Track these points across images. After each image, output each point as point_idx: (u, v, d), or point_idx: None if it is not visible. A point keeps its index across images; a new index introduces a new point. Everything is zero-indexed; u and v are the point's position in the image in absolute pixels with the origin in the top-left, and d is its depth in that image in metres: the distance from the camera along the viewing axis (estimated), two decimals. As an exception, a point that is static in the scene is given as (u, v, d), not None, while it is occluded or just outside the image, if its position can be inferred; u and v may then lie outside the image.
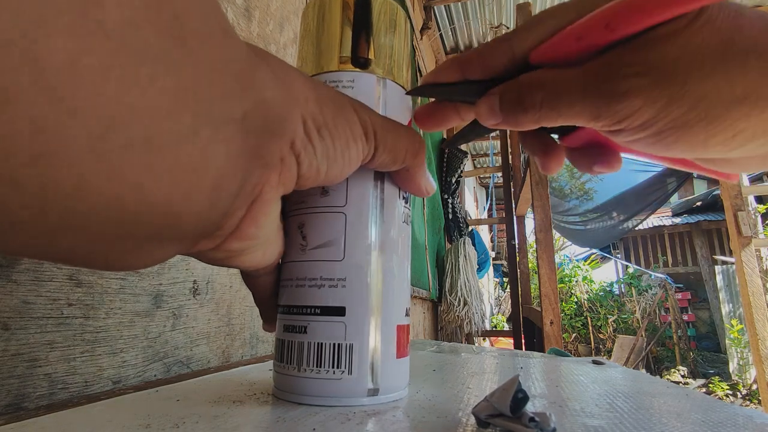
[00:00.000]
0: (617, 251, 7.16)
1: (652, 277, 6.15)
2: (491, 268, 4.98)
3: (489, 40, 0.23)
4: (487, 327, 3.30)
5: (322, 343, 0.23)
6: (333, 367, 0.23)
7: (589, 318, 5.85)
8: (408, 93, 0.27)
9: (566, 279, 6.17)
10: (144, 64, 0.11)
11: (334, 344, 0.23)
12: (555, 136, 0.26)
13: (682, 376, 4.71)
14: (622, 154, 0.24)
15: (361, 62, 0.26)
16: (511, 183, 2.67)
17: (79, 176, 0.11)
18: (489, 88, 0.22)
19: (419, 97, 0.26)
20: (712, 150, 0.19)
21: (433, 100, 0.26)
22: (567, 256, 6.91)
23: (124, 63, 0.11)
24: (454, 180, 2.45)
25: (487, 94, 0.22)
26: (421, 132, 0.26)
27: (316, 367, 0.23)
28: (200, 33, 0.13)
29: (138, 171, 0.12)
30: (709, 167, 0.23)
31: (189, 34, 0.12)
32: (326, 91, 0.20)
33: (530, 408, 0.19)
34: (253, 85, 0.15)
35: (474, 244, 2.44)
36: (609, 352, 5.34)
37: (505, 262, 5.87)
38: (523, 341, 2.32)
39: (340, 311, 0.24)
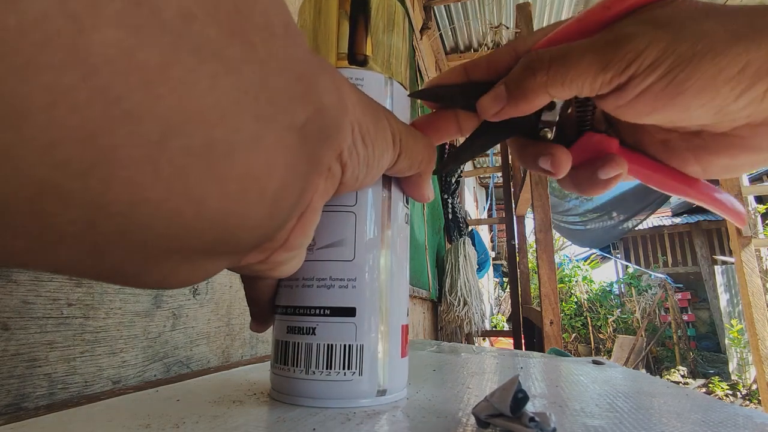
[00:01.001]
0: (617, 251, 7.16)
1: (652, 277, 6.15)
2: (491, 268, 4.97)
3: (489, 40, 0.25)
4: (487, 327, 3.30)
5: (332, 345, 0.23)
6: (343, 368, 0.23)
7: (589, 318, 5.85)
8: (411, 95, 0.27)
9: (566, 279, 6.17)
10: (205, 61, 0.10)
11: (344, 345, 0.23)
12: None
13: (682, 376, 4.71)
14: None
15: (358, 59, 0.25)
16: (511, 183, 2.67)
17: (135, 189, 0.10)
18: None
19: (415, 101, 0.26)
20: (722, 91, 0.19)
21: (432, 111, 0.26)
22: (567, 256, 6.91)
23: (184, 60, 0.10)
24: (454, 180, 2.45)
25: (491, 89, 0.23)
26: None
27: (326, 369, 0.23)
28: (263, 28, 0.12)
29: (199, 182, 0.11)
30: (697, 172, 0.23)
31: (251, 29, 0.11)
32: (364, 96, 0.19)
33: (530, 408, 0.19)
34: (316, 89, 0.15)
35: (474, 244, 2.44)
36: (609, 352, 5.34)
37: (505, 262, 5.86)
38: (523, 341, 2.32)
39: (350, 312, 0.23)
